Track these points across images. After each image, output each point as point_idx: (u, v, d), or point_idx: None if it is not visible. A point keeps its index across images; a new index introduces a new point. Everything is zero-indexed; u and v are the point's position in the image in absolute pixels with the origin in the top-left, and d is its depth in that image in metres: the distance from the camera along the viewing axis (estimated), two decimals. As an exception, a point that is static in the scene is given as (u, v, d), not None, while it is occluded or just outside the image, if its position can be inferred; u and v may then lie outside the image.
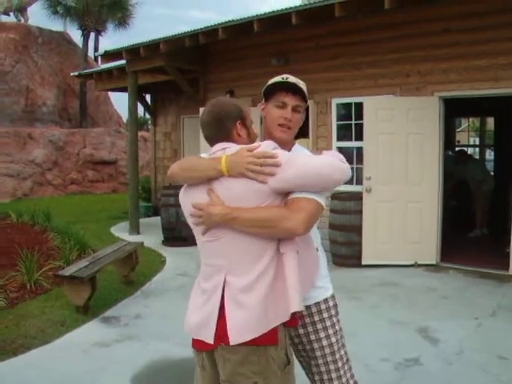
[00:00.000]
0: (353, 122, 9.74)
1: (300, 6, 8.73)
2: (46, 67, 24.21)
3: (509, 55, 7.93)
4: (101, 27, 29.64)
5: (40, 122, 23.20)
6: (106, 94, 26.19)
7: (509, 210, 8.63)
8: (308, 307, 2.89)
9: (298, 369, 3.12)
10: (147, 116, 22.75)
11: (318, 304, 2.94)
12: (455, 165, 11.34)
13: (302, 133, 10.37)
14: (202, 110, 10.15)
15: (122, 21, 30.58)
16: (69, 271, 6.72)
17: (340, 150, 9.92)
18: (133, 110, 12.57)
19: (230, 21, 9.70)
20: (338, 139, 10.08)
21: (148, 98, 16.10)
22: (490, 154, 19.43)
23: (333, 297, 3.03)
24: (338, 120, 10.08)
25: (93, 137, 22.78)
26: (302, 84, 2.83)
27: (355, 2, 8.21)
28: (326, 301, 2.96)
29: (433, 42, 8.63)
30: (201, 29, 10.16)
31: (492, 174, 13.97)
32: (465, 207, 11.39)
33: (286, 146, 2.85)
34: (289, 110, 2.79)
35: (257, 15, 9.28)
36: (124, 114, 26.38)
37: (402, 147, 8.65)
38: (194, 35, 10.31)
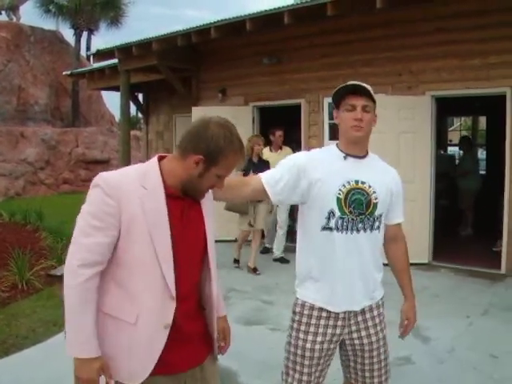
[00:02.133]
0: (345, 121, 9.72)
1: (292, 5, 8.73)
2: (38, 66, 24.13)
3: (500, 54, 7.96)
4: (93, 26, 29.56)
5: (32, 120, 23.11)
6: (98, 93, 26.12)
7: (499, 209, 8.66)
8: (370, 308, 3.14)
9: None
10: (140, 115, 22.70)
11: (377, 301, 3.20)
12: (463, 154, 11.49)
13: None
14: (194, 109, 10.16)
15: (115, 20, 30.51)
16: (61, 271, 6.70)
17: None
18: (125, 109, 12.54)
19: (222, 20, 9.68)
20: (330, 138, 10.08)
21: (140, 97, 16.06)
22: (481, 153, 19.48)
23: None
24: (330, 119, 10.07)
25: (85, 136, 22.73)
26: (368, 87, 2.94)
27: (348, 1, 8.21)
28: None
29: (425, 41, 8.64)
30: (193, 28, 10.14)
31: (484, 172, 14.03)
32: (454, 206, 11.44)
33: (360, 147, 3.03)
34: (358, 110, 2.91)
35: (249, 14, 9.27)
36: (116, 113, 26.33)
37: (394, 146, 8.65)
38: (186, 34, 10.29)
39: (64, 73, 17.69)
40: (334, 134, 10.06)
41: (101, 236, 2.29)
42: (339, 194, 2.89)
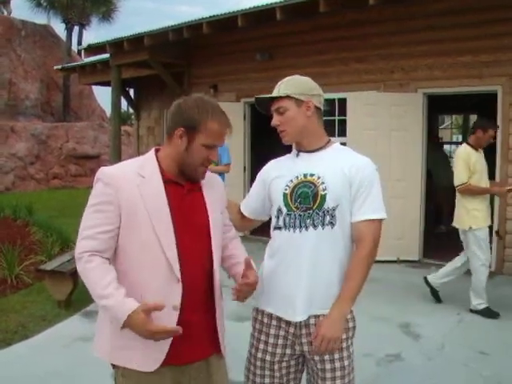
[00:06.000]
0: (336, 117, 9.73)
1: (285, 0, 8.71)
2: (29, 60, 23.99)
3: (492, 52, 7.98)
4: (85, 21, 29.47)
5: (23, 115, 22.97)
6: (89, 88, 26.01)
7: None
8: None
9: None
10: (131, 110, 22.65)
11: None
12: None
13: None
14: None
15: (107, 15, 30.45)
16: (50, 266, 6.69)
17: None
18: (116, 104, 12.50)
19: (214, 15, 9.67)
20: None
21: (132, 92, 16.02)
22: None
23: (352, 316, 2.86)
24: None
25: (76, 131, 22.62)
26: (281, 85, 2.83)
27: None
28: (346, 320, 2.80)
29: (417, 39, 8.65)
30: (185, 23, 10.11)
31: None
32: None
33: (307, 142, 2.83)
34: (274, 116, 2.82)
35: (241, 10, 9.25)
36: (107, 109, 26.22)
37: (385, 143, 8.66)
38: (178, 29, 10.27)
39: (55, 67, 17.63)
40: (325, 131, 10.04)
41: (102, 225, 2.36)
42: (286, 189, 2.77)
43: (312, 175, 2.74)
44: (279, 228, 2.78)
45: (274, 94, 2.80)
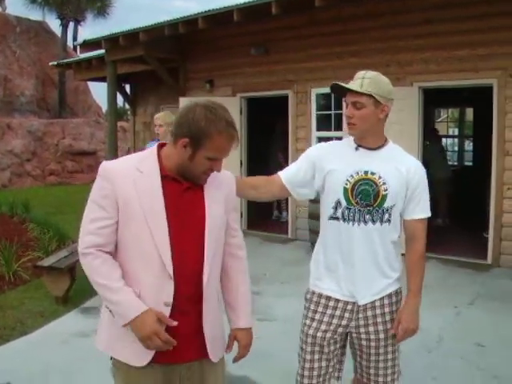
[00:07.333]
0: (332, 111, 9.73)
1: (280, -5, 8.71)
2: (24, 57, 23.94)
3: (488, 46, 7.98)
4: (80, 16, 29.48)
5: (18, 112, 22.95)
6: (85, 84, 25.97)
7: (486, 200, 8.69)
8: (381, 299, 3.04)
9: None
10: (127, 106, 22.62)
11: (390, 296, 3.08)
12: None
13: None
14: (181, 99, 10.11)
15: (102, 10, 30.44)
16: (48, 262, 6.69)
17: (319, 139, 9.91)
18: (112, 100, 12.47)
19: (209, 10, 9.64)
20: (318, 129, 10.07)
21: (128, 87, 15.98)
22: (468, 145, 19.52)
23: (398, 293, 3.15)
24: (317, 110, 10.06)
25: (72, 127, 22.61)
26: (365, 79, 2.87)
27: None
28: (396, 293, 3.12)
29: (413, 33, 8.64)
30: (180, 18, 10.10)
31: (471, 164, 13.90)
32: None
33: (370, 140, 2.97)
34: (349, 107, 2.91)
35: (237, 5, 9.23)
36: (103, 105, 26.18)
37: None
38: (173, 24, 10.25)
39: (50, 63, 17.57)
40: (321, 125, 10.05)
41: (103, 220, 2.39)
42: (346, 184, 2.91)
43: (373, 174, 2.91)
44: (337, 219, 2.96)
45: (357, 85, 2.86)
